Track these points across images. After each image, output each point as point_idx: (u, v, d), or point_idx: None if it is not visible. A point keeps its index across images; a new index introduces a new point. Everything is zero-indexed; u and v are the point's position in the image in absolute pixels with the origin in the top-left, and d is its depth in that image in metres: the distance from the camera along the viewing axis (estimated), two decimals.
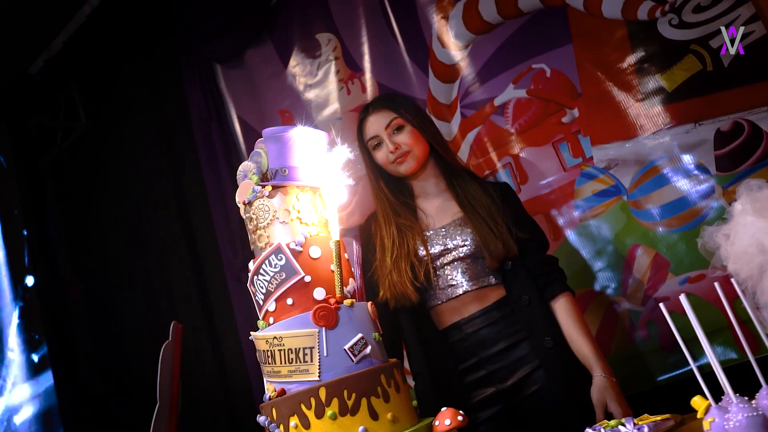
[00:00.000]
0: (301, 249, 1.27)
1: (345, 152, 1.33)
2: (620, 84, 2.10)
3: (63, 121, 3.65)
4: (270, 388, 1.25)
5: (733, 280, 0.95)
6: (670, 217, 2.02)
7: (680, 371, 1.97)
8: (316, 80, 2.81)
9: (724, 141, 1.93)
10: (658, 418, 1.00)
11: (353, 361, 1.21)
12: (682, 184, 2.00)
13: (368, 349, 1.23)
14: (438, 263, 1.68)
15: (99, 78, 3.45)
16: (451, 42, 2.42)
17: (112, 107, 3.46)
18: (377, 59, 2.65)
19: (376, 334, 1.29)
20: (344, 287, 1.27)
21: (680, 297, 0.97)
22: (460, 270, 1.67)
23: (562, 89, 2.21)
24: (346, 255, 1.34)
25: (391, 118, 1.71)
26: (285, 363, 1.22)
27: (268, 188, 1.31)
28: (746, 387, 0.96)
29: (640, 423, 0.96)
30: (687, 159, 1.99)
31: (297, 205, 1.32)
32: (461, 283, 1.66)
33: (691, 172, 1.99)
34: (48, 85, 3.60)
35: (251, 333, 1.31)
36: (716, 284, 0.96)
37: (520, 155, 2.29)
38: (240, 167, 1.39)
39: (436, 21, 2.46)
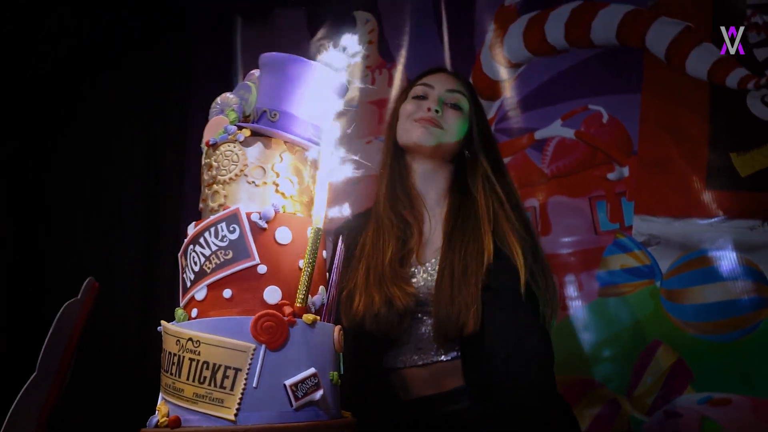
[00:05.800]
0: (266, 226, 0.89)
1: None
2: (686, 152, 1.82)
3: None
4: (162, 410, 0.85)
5: None
6: (706, 321, 1.72)
7: None
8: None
9: None
10: None
11: (292, 405, 0.82)
12: (731, 286, 1.71)
13: (318, 394, 0.84)
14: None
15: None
16: (503, 57, 2.12)
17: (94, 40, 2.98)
18: (415, 55, 2.34)
19: (335, 374, 0.90)
20: (310, 296, 0.89)
21: None
22: (429, 330, 1.22)
23: (617, 141, 1.93)
24: (324, 253, 0.97)
25: (458, 92, 1.36)
26: (194, 381, 0.83)
27: (246, 132, 0.94)
28: None
29: None
30: (743, 259, 1.70)
31: (278, 165, 0.94)
32: (431, 348, 1.22)
33: (744, 276, 1.70)
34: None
35: (161, 323, 0.91)
36: None
37: (549, 202, 1.95)
38: (218, 98, 1.02)
39: (493, 30, 2.17)
